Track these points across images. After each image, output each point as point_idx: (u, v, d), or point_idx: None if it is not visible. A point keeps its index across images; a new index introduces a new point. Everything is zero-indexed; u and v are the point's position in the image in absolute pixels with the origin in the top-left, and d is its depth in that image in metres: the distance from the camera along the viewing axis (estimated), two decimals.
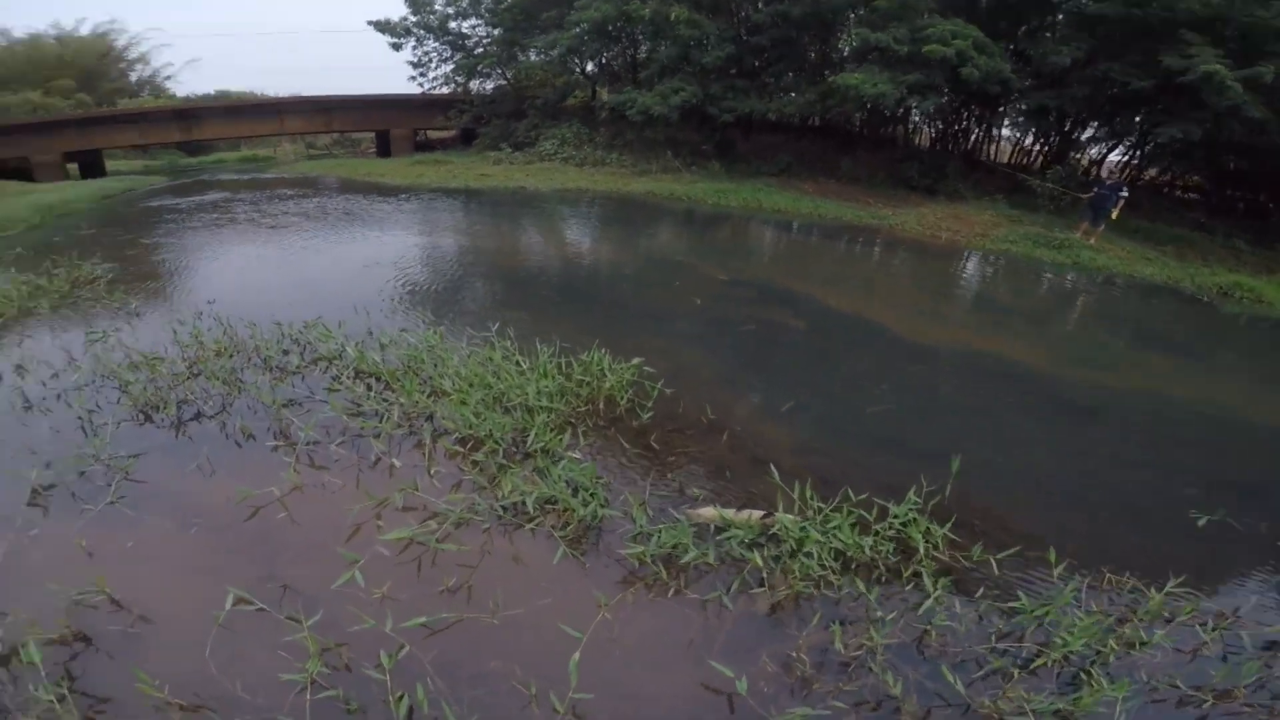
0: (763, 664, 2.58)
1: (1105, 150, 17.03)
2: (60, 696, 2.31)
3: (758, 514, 3.33)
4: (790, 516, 3.27)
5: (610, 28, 17.96)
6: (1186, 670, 2.69)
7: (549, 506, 3.38)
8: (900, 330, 6.81)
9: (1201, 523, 3.73)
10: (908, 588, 2.99)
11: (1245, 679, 2.61)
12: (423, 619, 2.64)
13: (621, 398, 4.50)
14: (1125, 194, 11.94)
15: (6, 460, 3.70)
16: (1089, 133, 16.52)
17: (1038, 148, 17.29)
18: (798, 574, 2.95)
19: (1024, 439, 4.72)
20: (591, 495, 3.40)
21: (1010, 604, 2.90)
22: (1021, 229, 12.23)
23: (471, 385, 4.40)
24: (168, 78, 33.99)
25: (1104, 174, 16.32)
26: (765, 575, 2.97)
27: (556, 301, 7.36)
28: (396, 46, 22.92)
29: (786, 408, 4.72)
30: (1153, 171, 17.14)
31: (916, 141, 18.57)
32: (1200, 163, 14.82)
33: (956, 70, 12.95)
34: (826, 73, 16.93)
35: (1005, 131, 17.61)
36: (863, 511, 3.28)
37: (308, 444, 3.88)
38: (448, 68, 23.53)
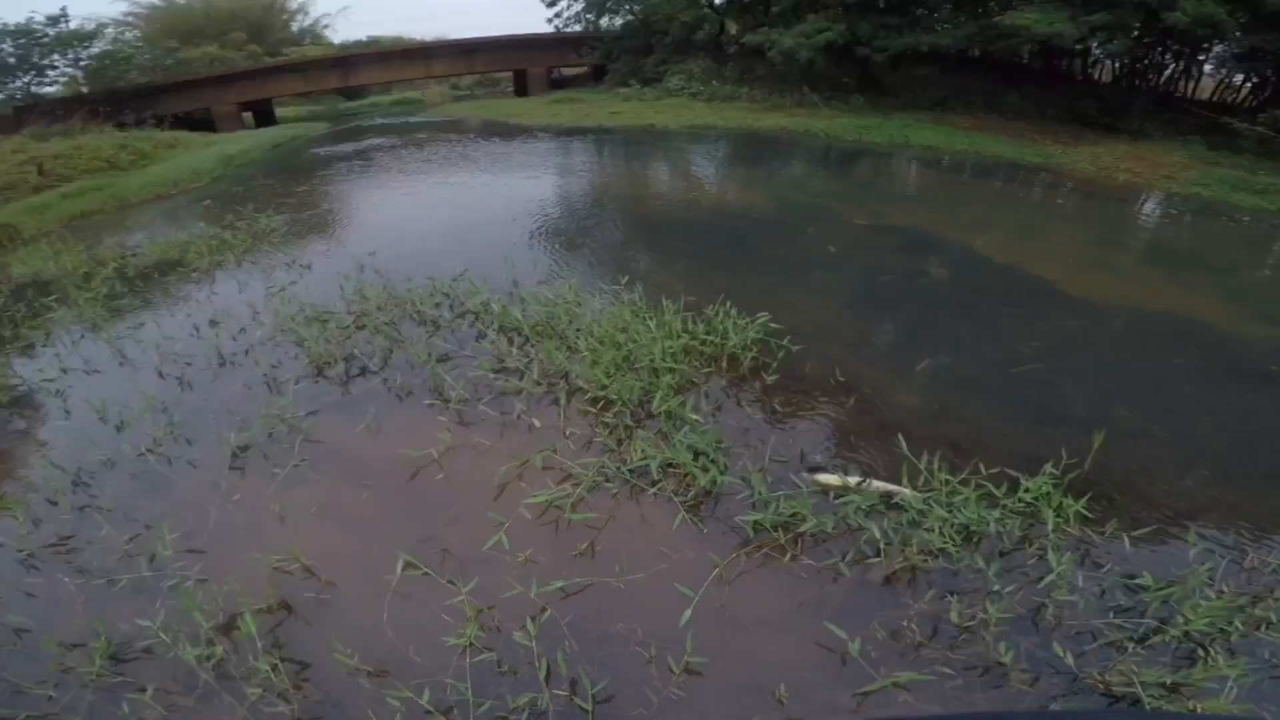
0: (874, 630, 2.62)
1: None
2: (273, 665, 2.53)
3: (879, 485, 3.31)
4: (912, 492, 3.23)
5: None
6: None
7: (671, 470, 3.50)
8: (1060, 283, 6.15)
9: None
10: (1030, 562, 2.90)
11: None
12: (560, 583, 2.85)
13: (745, 357, 4.50)
14: None
15: (210, 420, 4.22)
16: None
17: (1249, 86, 14.26)
18: (915, 548, 2.92)
19: (1186, 406, 4.23)
20: (712, 462, 3.47)
21: (1136, 581, 2.78)
22: (1218, 171, 10.48)
23: (603, 344, 4.56)
24: (325, 26, 36.16)
25: None
26: (882, 546, 2.96)
27: (684, 250, 7.35)
28: None
29: (921, 367, 4.55)
30: None
31: (1096, 76, 16.08)
32: None
33: (1156, 13, 11.04)
34: (992, 3, 15.05)
35: (1208, 69, 14.77)
36: (991, 486, 3.19)
37: (458, 402, 4.20)
38: (579, 5, 23.81)
